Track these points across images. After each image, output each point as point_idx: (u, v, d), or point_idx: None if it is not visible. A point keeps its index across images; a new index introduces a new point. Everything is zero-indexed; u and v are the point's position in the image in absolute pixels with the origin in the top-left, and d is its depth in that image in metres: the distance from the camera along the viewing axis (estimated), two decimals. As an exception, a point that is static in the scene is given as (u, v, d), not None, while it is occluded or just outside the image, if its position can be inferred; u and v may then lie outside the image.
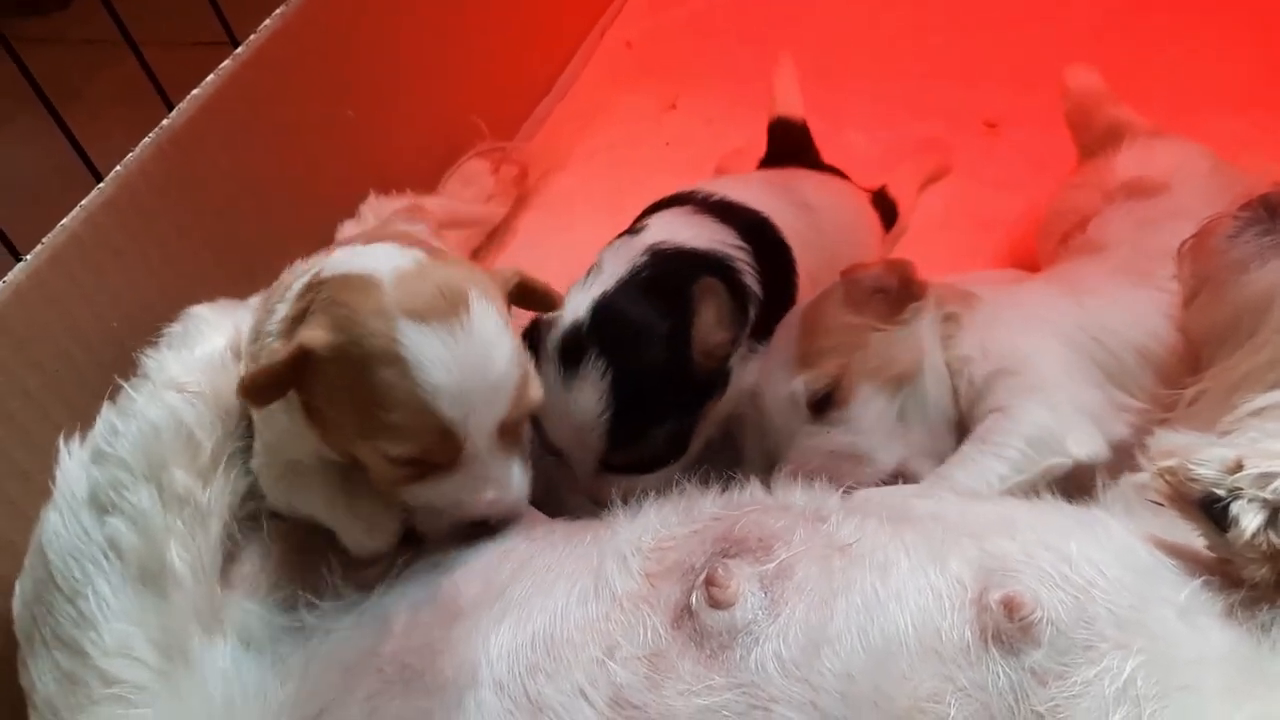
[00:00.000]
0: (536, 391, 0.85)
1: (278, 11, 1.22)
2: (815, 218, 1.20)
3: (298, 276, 0.90)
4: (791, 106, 1.40)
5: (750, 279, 1.05)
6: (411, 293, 0.78)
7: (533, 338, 0.96)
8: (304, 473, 0.89)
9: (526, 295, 0.86)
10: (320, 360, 0.77)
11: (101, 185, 1.03)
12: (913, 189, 1.52)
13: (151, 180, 1.07)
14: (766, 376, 1.00)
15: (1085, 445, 0.90)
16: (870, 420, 0.95)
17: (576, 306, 0.96)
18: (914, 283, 1.00)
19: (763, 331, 1.05)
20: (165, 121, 1.09)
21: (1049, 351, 0.97)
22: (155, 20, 1.27)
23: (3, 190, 1.08)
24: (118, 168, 1.04)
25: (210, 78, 1.14)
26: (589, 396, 0.93)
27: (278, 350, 0.80)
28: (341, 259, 0.85)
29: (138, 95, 1.13)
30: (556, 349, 0.95)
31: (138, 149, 1.06)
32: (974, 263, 1.41)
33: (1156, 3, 1.79)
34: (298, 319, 0.82)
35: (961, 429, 0.98)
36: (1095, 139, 1.29)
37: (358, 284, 0.80)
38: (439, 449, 0.79)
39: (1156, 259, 1.06)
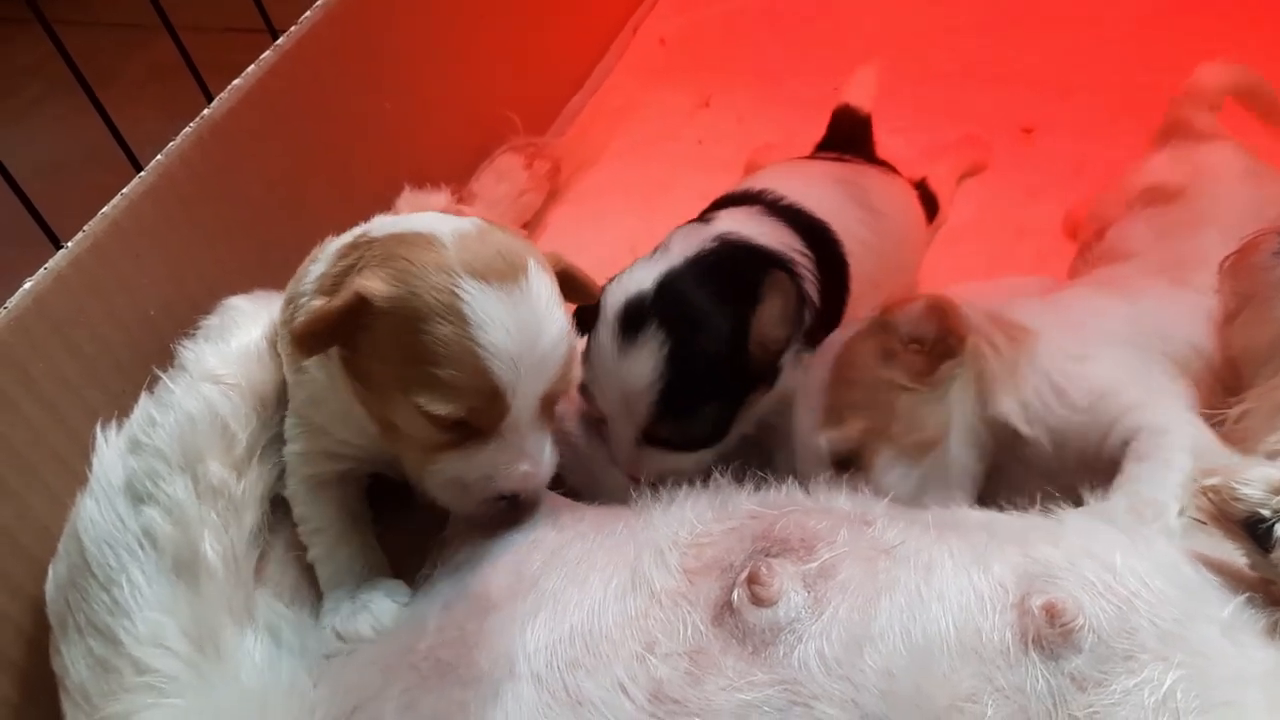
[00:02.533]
0: (577, 371, 0.85)
1: (318, 4, 1.23)
2: (880, 223, 1.20)
3: (327, 248, 0.90)
4: (861, 99, 1.40)
5: (810, 286, 1.05)
6: (473, 253, 0.78)
7: (580, 322, 0.96)
8: (340, 509, 0.90)
9: (566, 283, 0.86)
10: (375, 312, 0.76)
11: (142, 174, 1.04)
12: (951, 182, 1.52)
13: (192, 169, 1.07)
14: (801, 410, 0.99)
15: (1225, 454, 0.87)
16: (887, 487, 0.93)
17: (641, 279, 0.98)
18: (952, 336, 0.96)
19: (811, 339, 1.05)
20: (206, 111, 1.10)
21: (1117, 363, 0.95)
22: (190, 4, 1.28)
23: (37, 172, 1.08)
24: (159, 157, 1.05)
25: (251, 68, 1.15)
26: (643, 365, 0.94)
27: (327, 301, 0.79)
28: (388, 221, 0.86)
29: (172, 79, 1.14)
30: (618, 316, 0.96)
31: (179, 138, 1.07)
32: (1007, 268, 1.41)
33: (1188, 10, 1.77)
34: (341, 276, 0.82)
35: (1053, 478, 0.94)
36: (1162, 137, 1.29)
37: (417, 240, 0.80)
38: (484, 412, 0.78)
39: (1186, 266, 1.06)
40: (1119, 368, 0.95)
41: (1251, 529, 0.68)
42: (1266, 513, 0.67)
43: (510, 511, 0.85)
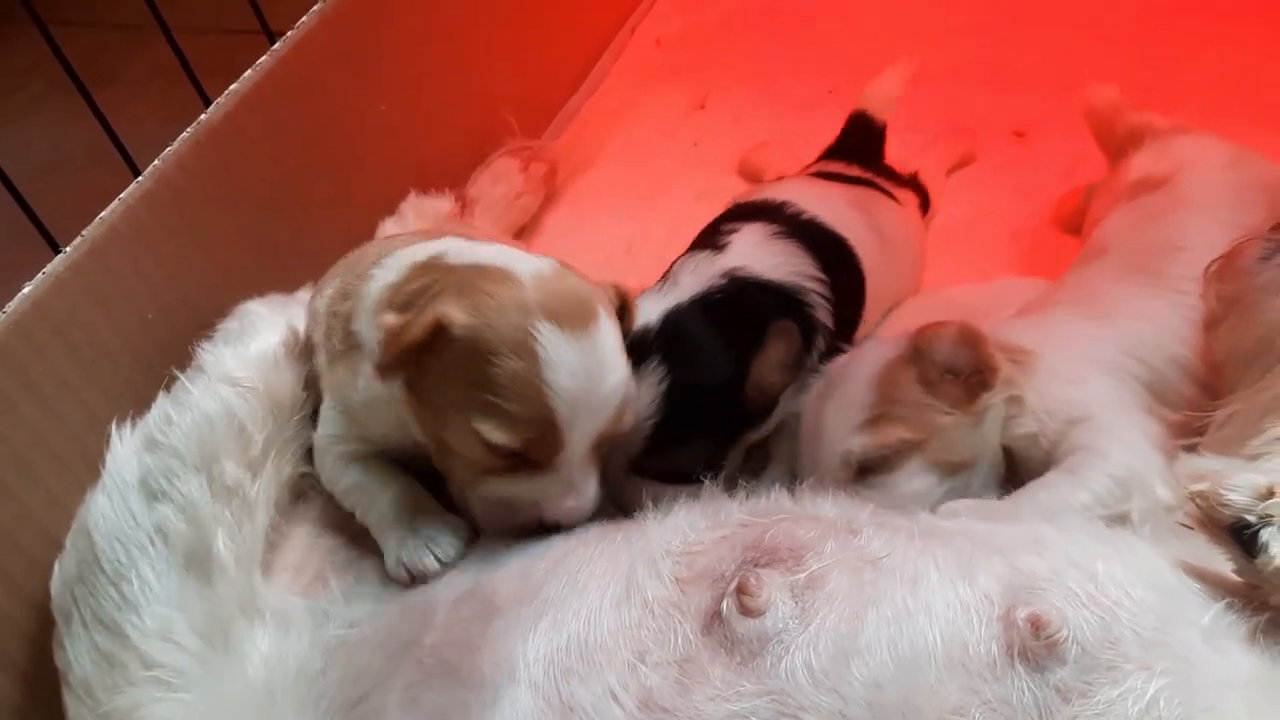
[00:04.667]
0: (631, 417, 0.88)
1: (314, 8, 1.24)
2: (888, 250, 1.20)
3: (391, 250, 0.93)
4: (881, 106, 1.40)
5: (823, 314, 1.06)
6: (550, 295, 0.81)
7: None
8: (376, 465, 0.92)
9: (619, 311, 0.89)
10: (449, 338, 0.79)
11: (140, 179, 1.04)
12: (940, 175, 1.53)
13: (190, 174, 1.08)
14: (830, 418, 0.99)
15: (1171, 489, 0.89)
16: (909, 495, 0.94)
17: (648, 312, 0.98)
18: (986, 368, 0.97)
19: (823, 357, 1.06)
20: (203, 116, 1.10)
21: (1101, 391, 0.97)
22: (189, 6, 1.28)
23: (35, 173, 1.08)
24: (156, 161, 1.06)
25: (248, 73, 1.15)
26: (641, 397, 0.94)
27: (407, 322, 0.81)
28: (465, 248, 0.89)
29: (170, 80, 1.15)
30: None
31: (176, 143, 1.08)
32: (1000, 270, 1.41)
33: (1188, 10, 1.77)
34: (416, 295, 0.84)
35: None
36: (1119, 147, 1.30)
37: (497, 275, 0.83)
38: (540, 447, 0.81)
39: (1155, 253, 1.07)
40: (1096, 395, 0.97)
41: (1238, 534, 0.68)
42: (1252, 518, 0.68)
43: (546, 533, 0.87)
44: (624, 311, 0.91)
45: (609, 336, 0.83)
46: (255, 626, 0.86)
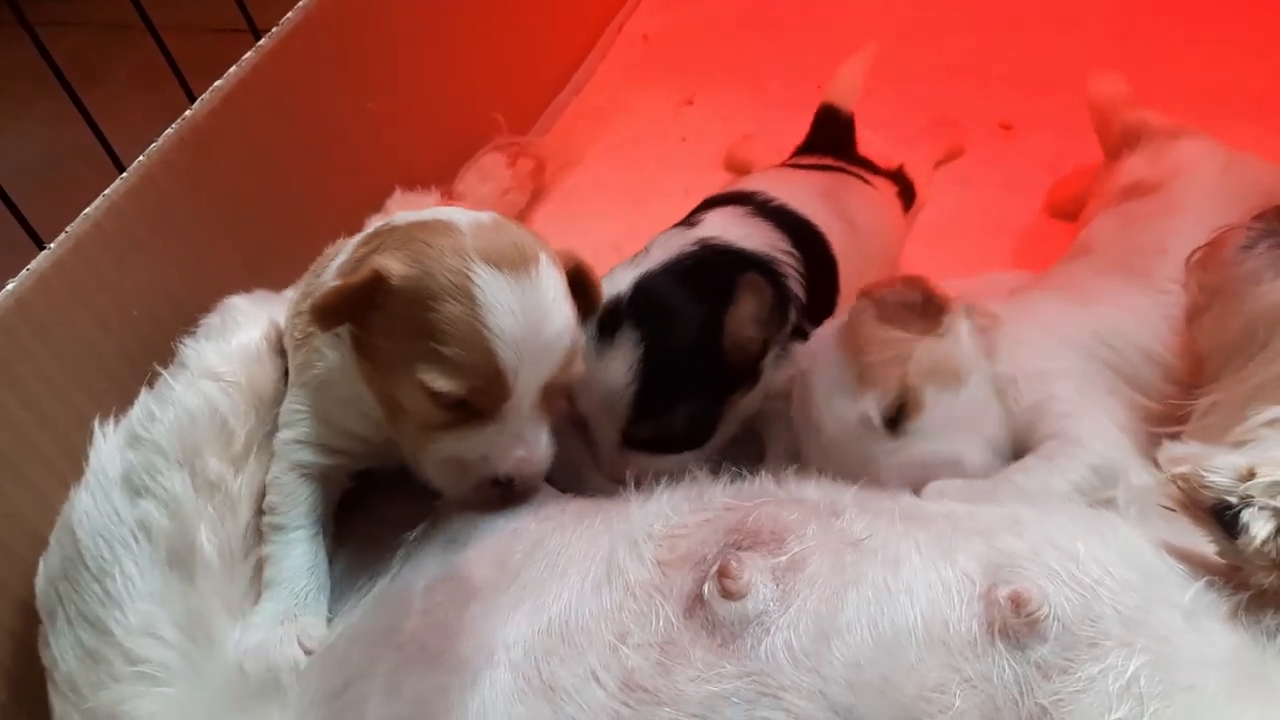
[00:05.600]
0: (580, 365, 0.88)
1: (299, 4, 1.24)
2: (859, 238, 1.21)
3: (346, 245, 0.93)
4: (845, 97, 1.40)
5: (795, 284, 1.06)
6: (488, 241, 0.82)
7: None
8: (312, 509, 0.91)
9: (575, 283, 0.88)
10: (390, 290, 0.80)
11: (124, 175, 1.04)
12: (928, 168, 1.54)
13: (174, 171, 1.08)
14: (821, 407, 0.99)
15: (1148, 474, 0.89)
16: (947, 422, 0.94)
17: (619, 282, 0.99)
18: (936, 295, 0.99)
19: (802, 336, 1.07)
20: (187, 113, 1.10)
21: (1071, 370, 0.98)
22: (174, 5, 1.28)
23: (23, 173, 1.08)
24: (140, 158, 1.06)
25: (232, 70, 1.15)
26: (620, 366, 0.95)
27: (347, 278, 0.82)
28: (411, 214, 0.89)
29: (158, 79, 1.14)
30: (595, 319, 0.97)
31: (160, 139, 1.08)
32: (987, 265, 1.42)
33: (1175, 6, 1.78)
34: (361, 260, 0.85)
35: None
36: (1115, 144, 1.30)
37: (436, 226, 0.83)
38: (486, 393, 0.81)
39: (1143, 254, 1.08)
40: (1068, 377, 0.98)
41: (1219, 515, 0.69)
42: (1233, 499, 0.68)
43: (503, 499, 0.87)
44: (583, 282, 0.90)
45: (550, 281, 0.82)
46: (238, 622, 0.86)
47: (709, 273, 1.00)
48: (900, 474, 0.92)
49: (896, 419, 0.95)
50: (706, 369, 0.97)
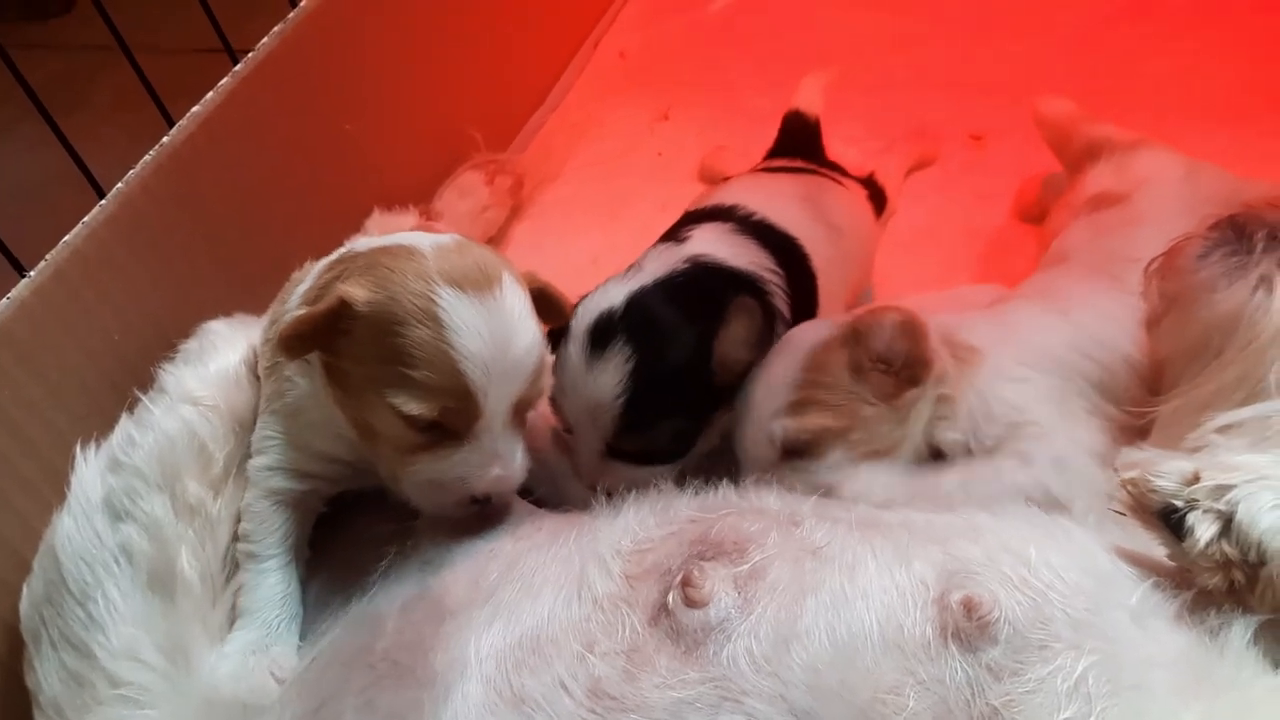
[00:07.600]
0: (548, 380, 0.90)
1: (275, 29, 1.25)
2: (841, 241, 1.23)
3: (311, 270, 0.94)
4: (810, 103, 1.44)
5: (781, 302, 1.09)
6: (451, 263, 0.82)
7: (552, 341, 0.99)
8: (287, 535, 0.92)
9: (540, 301, 0.89)
10: (356, 316, 0.81)
11: (104, 201, 1.05)
12: (899, 175, 1.57)
13: (153, 196, 1.09)
14: (759, 395, 1.01)
15: (1100, 483, 0.92)
16: (829, 483, 0.96)
17: (614, 295, 1.01)
18: (919, 363, 0.98)
19: None
20: (166, 138, 1.12)
21: (1044, 393, 1.00)
22: (156, 27, 1.29)
23: (5, 199, 1.09)
24: (119, 184, 1.07)
25: (210, 94, 1.16)
26: (609, 378, 0.97)
27: (313, 308, 0.82)
28: (372, 239, 0.90)
29: (140, 102, 1.16)
30: (588, 330, 0.99)
31: (139, 165, 1.09)
32: (959, 274, 1.44)
33: (1140, 17, 1.82)
34: (325, 287, 0.86)
35: None
36: (1076, 158, 1.33)
37: (399, 251, 0.84)
38: (457, 413, 0.82)
39: (1116, 261, 1.10)
40: (1042, 394, 0.99)
41: (1166, 519, 0.71)
42: (1179, 503, 0.70)
43: (481, 515, 0.88)
44: (547, 298, 0.91)
45: (515, 300, 0.83)
46: (217, 644, 0.87)
47: (701, 292, 1.02)
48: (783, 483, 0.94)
49: (791, 453, 0.98)
50: (694, 387, 1.00)
